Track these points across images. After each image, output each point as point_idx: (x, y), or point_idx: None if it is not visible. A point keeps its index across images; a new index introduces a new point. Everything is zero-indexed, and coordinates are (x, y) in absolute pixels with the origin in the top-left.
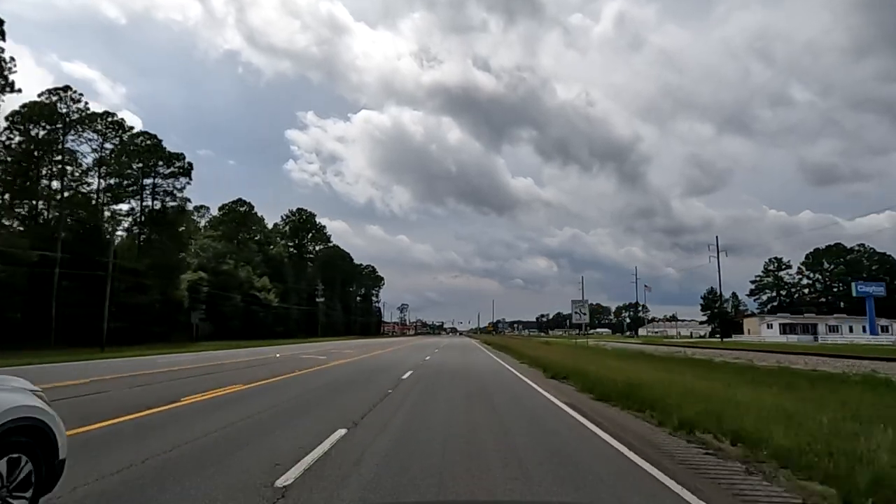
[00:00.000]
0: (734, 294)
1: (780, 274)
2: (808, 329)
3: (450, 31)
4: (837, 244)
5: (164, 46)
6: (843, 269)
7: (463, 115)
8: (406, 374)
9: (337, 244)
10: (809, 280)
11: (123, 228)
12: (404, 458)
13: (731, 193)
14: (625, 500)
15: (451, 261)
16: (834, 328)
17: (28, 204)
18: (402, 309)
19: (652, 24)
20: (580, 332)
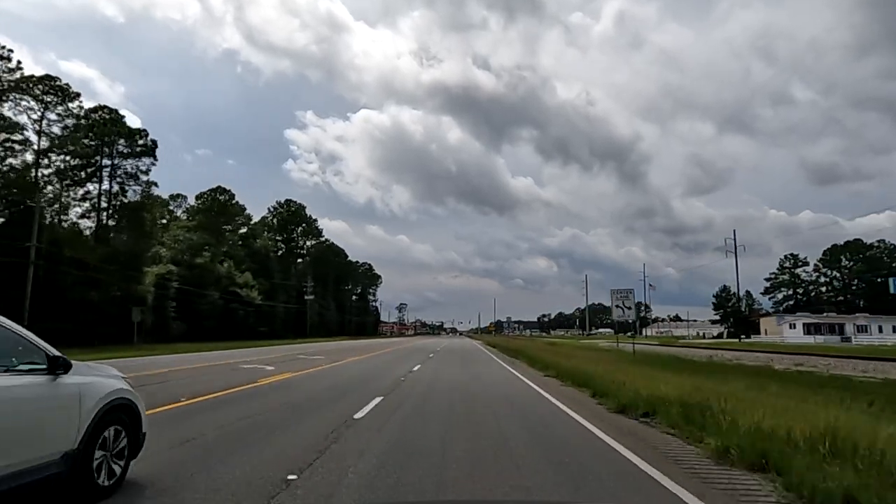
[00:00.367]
0: (748, 292)
1: (797, 271)
2: (835, 329)
3: (450, 29)
4: (857, 240)
5: (163, 45)
6: (863, 266)
7: (463, 115)
8: (366, 409)
9: (331, 241)
10: (827, 278)
11: (78, 215)
12: None
13: (731, 193)
14: None
15: (451, 261)
16: (863, 328)
17: None
18: (401, 309)
19: (652, 23)
20: (586, 333)
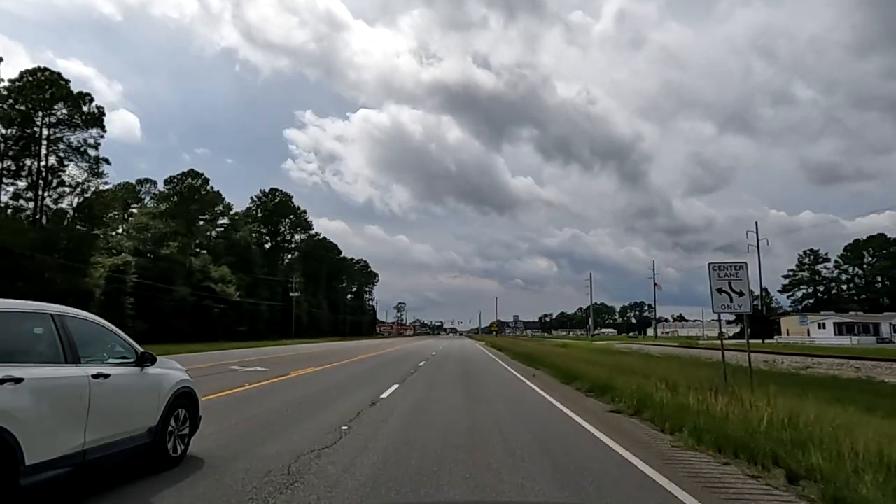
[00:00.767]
0: (765, 290)
1: (818, 268)
2: (869, 329)
3: (449, 27)
4: (880, 234)
5: (161, 44)
6: (887, 262)
7: (463, 114)
8: None
9: (324, 236)
10: (848, 275)
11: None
12: None
13: (732, 193)
14: None
15: (451, 261)
16: None
17: None
18: (399, 308)
19: (653, 22)
20: (590, 333)
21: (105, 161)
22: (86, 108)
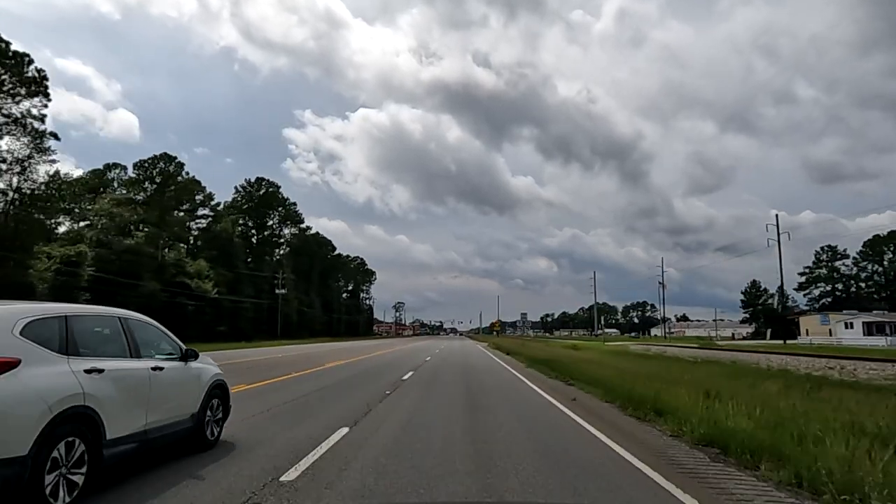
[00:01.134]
0: (780, 288)
1: (836, 264)
2: None
3: (449, 26)
4: None
5: (159, 43)
6: None
7: (463, 113)
8: None
9: (316, 230)
10: (867, 272)
11: None
12: None
13: (733, 193)
14: None
15: (451, 261)
16: None
17: None
18: (398, 308)
19: (654, 20)
20: (594, 333)
21: (53, 136)
22: (24, 70)
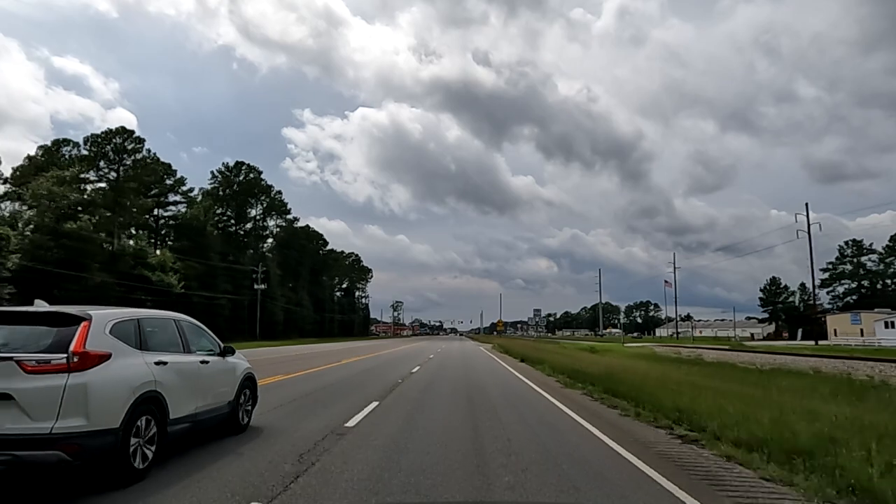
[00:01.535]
0: (802, 285)
1: (863, 260)
2: None
3: (449, 24)
4: None
5: (157, 41)
6: None
7: (462, 112)
8: None
9: (306, 224)
10: (894, 268)
11: None
12: None
13: (734, 192)
14: None
15: (451, 261)
16: None
17: None
18: (396, 307)
19: (655, 18)
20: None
21: None
22: None
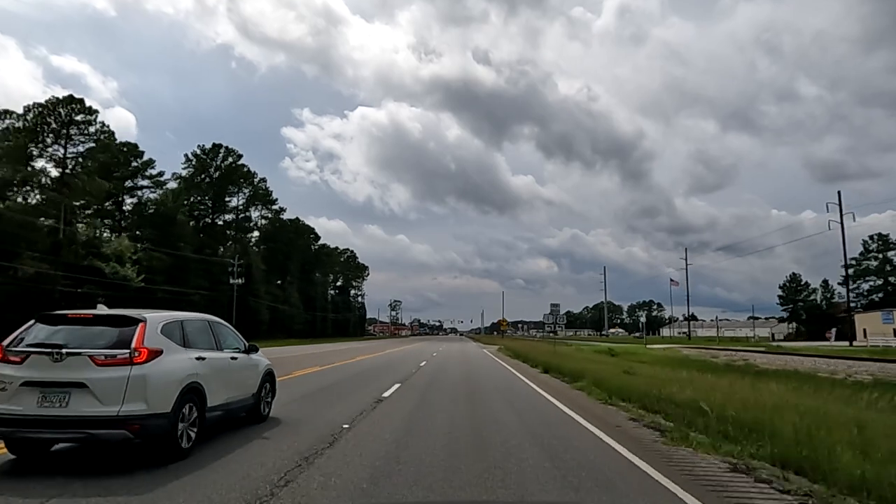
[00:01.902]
0: (825, 282)
1: (889, 255)
2: None
3: (449, 22)
4: None
5: (156, 40)
6: None
7: (462, 111)
8: None
9: (296, 216)
10: None
11: None
12: None
13: (735, 191)
14: None
15: (451, 261)
16: None
17: None
18: (394, 306)
19: (655, 17)
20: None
21: None
22: None
